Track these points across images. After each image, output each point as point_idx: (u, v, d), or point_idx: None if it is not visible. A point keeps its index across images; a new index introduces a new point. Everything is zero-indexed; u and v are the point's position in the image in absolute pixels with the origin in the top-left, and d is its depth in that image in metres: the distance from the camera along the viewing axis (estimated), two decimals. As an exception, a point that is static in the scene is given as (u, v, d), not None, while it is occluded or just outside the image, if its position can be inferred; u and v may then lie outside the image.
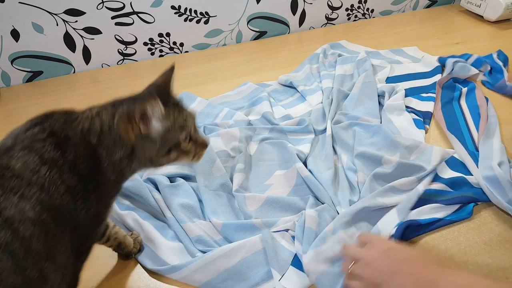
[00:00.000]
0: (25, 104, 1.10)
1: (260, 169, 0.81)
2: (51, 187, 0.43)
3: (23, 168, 0.43)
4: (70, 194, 0.45)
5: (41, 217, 0.41)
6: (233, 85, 1.10)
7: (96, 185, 0.49)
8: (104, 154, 0.49)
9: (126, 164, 0.51)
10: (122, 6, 1.17)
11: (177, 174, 0.78)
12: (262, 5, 1.32)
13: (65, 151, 0.46)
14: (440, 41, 1.27)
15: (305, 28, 1.44)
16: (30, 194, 0.41)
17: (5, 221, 0.38)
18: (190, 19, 1.27)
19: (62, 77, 1.24)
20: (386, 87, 0.98)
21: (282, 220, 0.67)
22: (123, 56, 1.28)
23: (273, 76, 1.13)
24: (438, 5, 1.56)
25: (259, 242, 0.63)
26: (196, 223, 0.68)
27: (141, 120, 0.48)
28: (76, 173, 0.46)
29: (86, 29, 1.18)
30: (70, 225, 0.46)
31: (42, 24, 1.13)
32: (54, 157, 0.45)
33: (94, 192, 0.48)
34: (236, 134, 0.86)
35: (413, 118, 0.90)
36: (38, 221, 0.41)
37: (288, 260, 0.61)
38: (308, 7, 1.39)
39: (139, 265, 0.64)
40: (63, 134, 0.47)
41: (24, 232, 0.39)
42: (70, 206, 0.45)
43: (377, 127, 0.85)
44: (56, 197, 0.44)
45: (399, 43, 1.26)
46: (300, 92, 1.04)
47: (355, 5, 1.45)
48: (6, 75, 1.19)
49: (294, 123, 0.91)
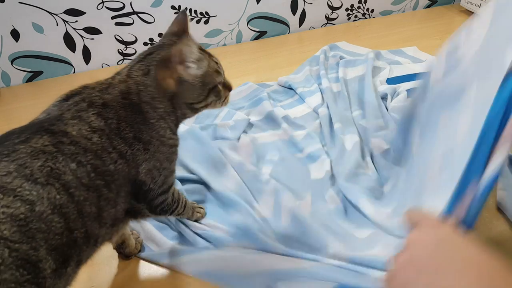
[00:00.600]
0: (25, 104, 1.10)
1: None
2: (103, 154, 0.46)
3: (79, 135, 0.45)
4: (121, 159, 0.47)
5: (95, 183, 0.44)
6: (233, 85, 1.09)
7: (145, 148, 0.50)
8: (150, 110, 0.51)
9: (171, 116, 0.53)
10: (122, 6, 1.17)
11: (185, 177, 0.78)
12: (262, 5, 1.32)
13: (108, 118, 0.48)
14: (440, 41, 1.27)
15: (305, 28, 1.44)
16: (86, 160, 0.44)
17: (63, 186, 0.41)
18: (190, 19, 1.27)
19: (62, 77, 1.24)
20: (388, 89, 0.98)
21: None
22: (123, 56, 1.28)
23: (273, 76, 1.13)
24: (438, 5, 1.56)
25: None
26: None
27: (179, 64, 0.49)
28: (123, 138, 0.48)
29: (86, 29, 1.18)
30: (121, 189, 0.48)
31: (42, 24, 1.13)
32: (101, 125, 0.47)
33: (145, 154, 0.50)
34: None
35: None
36: (93, 187, 0.44)
37: None
38: (308, 7, 1.39)
39: (139, 265, 0.64)
40: (102, 102, 0.49)
41: (79, 196, 0.42)
42: (122, 170, 0.48)
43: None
44: (109, 163, 0.46)
45: (399, 43, 1.26)
46: (298, 94, 1.04)
47: (355, 5, 1.45)
48: (6, 75, 1.19)
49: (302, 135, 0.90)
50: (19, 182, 0.39)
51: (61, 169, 0.42)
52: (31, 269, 0.37)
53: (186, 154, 0.81)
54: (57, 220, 0.40)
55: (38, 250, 0.38)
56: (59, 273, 0.40)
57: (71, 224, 0.41)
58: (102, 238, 0.47)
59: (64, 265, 0.41)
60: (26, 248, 0.37)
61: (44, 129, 0.44)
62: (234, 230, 0.66)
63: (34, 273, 0.37)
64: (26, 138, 0.42)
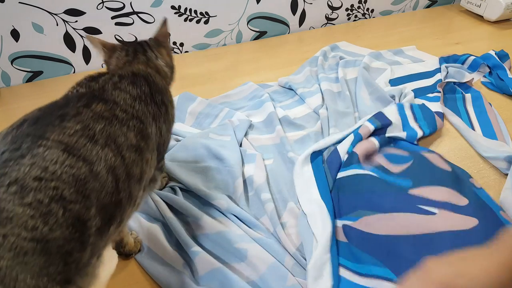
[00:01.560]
0: (25, 104, 1.10)
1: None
2: (143, 118, 0.52)
3: (124, 103, 0.51)
4: (154, 121, 0.55)
5: (140, 144, 0.49)
6: (233, 85, 1.10)
7: (166, 111, 0.60)
8: (166, 78, 0.67)
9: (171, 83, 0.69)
10: (122, 6, 1.17)
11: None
12: (262, 5, 1.32)
13: (141, 85, 0.56)
14: (440, 41, 1.27)
15: (305, 28, 1.44)
16: (133, 125, 0.49)
17: (118, 148, 0.45)
18: (190, 19, 1.27)
19: (62, 77, 1.24)
20: (393, 90, 0.98)
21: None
22: (123, 56, 1.28)
23: (273, 76, 1.13)
24: (438, 5, 1.56)
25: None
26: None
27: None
28: (155, 103, 0.56)
29: (86, 29, 1.18)
30: (154, 151, 0.54)
31: (42, 24, 1.13)
32: (138, 92, 0.54)
33: (166, 115, 0.59)
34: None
35: None
36: (138, 149, 0.49)
37: None
38: (308, 7, 1.39)
39: (139, 265, 0.64)
40: (131, 72, 0.58)
41: (129, 158, 0.47)
42: (156, 133, 0.55)
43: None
44: (148, 126, 0.53)
45: (399, 43, 1.26)
46: (299, 95, 1.04)
47: (355, 5, 1.45)
48: (6, 75, 1.19)
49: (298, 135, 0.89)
50: (83, 142, 0.42)
51: (116, 133, 0.46)
52: (80, 227, 0.39)
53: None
54: (110, 180, 0.43)
55: (89, 209, 0.40)
56: (101, 231, 0.42)
57: (120, 185, 0.45)
58: (139, 200, 0.52)
59: (108, 224, 0.44)
60: (79, 208, 0.39)
61: (98, 97, 0.49)
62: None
63: (81, 231, 0.39)
64: (86, 103, 0.47)
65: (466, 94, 0.97)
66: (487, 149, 0.79)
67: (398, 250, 0.57)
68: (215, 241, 0.65)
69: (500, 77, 1.00)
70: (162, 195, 0.73)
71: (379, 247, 0.59)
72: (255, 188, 0.74)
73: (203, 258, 0.61)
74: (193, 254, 0.62)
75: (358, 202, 0.66)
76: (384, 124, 0.83)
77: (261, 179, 0.75)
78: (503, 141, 0.81)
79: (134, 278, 0.62)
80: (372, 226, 0.61)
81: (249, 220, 0.68)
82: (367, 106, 0.96)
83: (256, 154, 0.81)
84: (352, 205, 0.66)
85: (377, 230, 0.60)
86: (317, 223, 0.64)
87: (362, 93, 1.00)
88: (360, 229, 0.61)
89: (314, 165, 0.77)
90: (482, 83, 1.02)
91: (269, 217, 0.69)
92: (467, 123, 0.88)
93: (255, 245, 0.64)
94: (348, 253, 0.60)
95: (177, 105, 0.98)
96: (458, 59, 1.11)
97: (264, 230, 0.67)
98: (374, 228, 0.61)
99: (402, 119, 0.86)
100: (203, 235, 0.67)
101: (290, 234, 0.66)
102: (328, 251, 0.59)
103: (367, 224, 0.62)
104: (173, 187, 0.77)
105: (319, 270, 0.57)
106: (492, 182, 0.73)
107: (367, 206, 0.64)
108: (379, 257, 0.58)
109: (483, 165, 0.78)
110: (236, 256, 0.63)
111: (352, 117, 0.93)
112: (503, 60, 1.07)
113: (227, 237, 0.65)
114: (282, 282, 0.58)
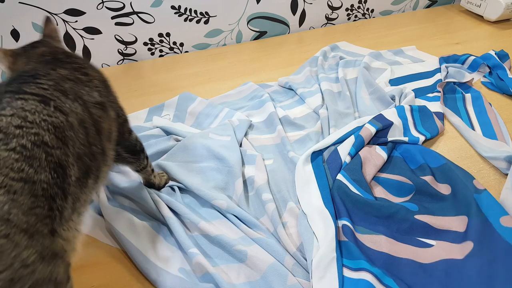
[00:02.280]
0: (25, 104, 1.10)
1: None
2: (100, 84, 0.58)
3: (78, 71, 0.56)
4: (104, 91, 0.59)
5: (104, 104, 0.55)
6: (233, 85, 1.10)
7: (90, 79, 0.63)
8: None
9: None
10: (122, 6, 1.17)
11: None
12: (262, 5, 1.32)
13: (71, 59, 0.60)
14: (440, 41, 1.27)
15: (305, 28, 1.44)
16: (94, 86, 0.56)
17: (84, 104, 0.52)
18: (190, 19, 1.27)
19: (62, 77, 1.24)
20: (394, 90, 0.98)
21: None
22: (123, 56, 1.28)
23: (273, 76, 1.13)
24: (438, 5, 1.56)
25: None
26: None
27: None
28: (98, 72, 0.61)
29: (86, 29, 1.18)
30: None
31: (42, 24, 1.13)
32: (88, 62, 0.61)
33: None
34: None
35: None
36: (102, 108, 0.55)
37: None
38: (308, 7, 1.39)
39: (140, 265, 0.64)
40: (62, 52, 0.61)
41: (96, 114, 0.53)
42: (108, 102, 0.59)
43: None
44: (105, 91, 0.59)
45: (399, 43, 1.26)
46: (299, 95, 1.04)
47: (355, 5, 1.45)
48: (6, 75, 1.19)
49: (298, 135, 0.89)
50: (57, 94, 0.48)
51: (81, 91, 0.52)
52: (61, 173, 0.44)
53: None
54: (82, 132, 0.49)
55: (68, 156, 0.46)
56: (81, 182, 0.48)
57: (90, 139, 0.50)
58: (111, 160, 0.57)
59: (86, 176, 0.49)
60: (59, 153, 0.45)
61: (59, 65, 0.54)
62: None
63: (62, 177, 0.44)
64: (52, 68, 0.52)
65: (466, 94, 0.97)
66: (487, 149, 0.79)
67: (395, 266, 0.60)
68: (215, 242, 0.65)
69: (500, 77, 1.00)
70: (162, 196, 0.73)
71: (378, 256, 0.61)
72: (255, 189, 0.74)
73: (200, 260, 0.61)
74: (191, 255, 0.62)
75: (362, 221, 0.67)
76: (385, 125, 0.83)
77: (262, 180, 0.75)
78: (503, 141, 0.81)
79: (134, 278, 0.62)
80: (374, 243, 0.63)
81: (249, 220, 0.68)
82: (367, 106, 0.96)
83: (256, 155, 0.81)
84: (357, 218, 0.67)
85: (378, 247, 0.63)
86: (317, 223, 0.65)
87: (362, 93, 1.00)
88: (361, 241, 0.63)
89: (314, 165, 0.77)
90: (482, 83, 1.02)
91: (270, 217, 0.69)
92: (467, 123, 0.88)
93: (255, 245, 0.64)
94: (348, 252, 0.61)
95: (177, 105, 0.98)
96: (458, 59, 1.11)
97: (264, 230, 0.67)
98: (375, 245, 0.63)
99: (403, 122, 0.86)
100: (203, 236, 0.67)
101: (291, 234, 0.66)
102: (334, 250, 0.60)
103: (370, 240, 0.64)
104: (172, 186, 0.77)
105: (324, 269, 0.57)
106: (492, 182, 0.73)
107: (372, 228, 0.66)
108: (376, 264, 0.60)
109: (483, 165, 0.78)
110: (236, 257, 0.63)
111: (352, 117, 0.93)
112: (503, 60, 1.07)
113: (227, 238, 0.65)
114: (283, 282, 0.58)
